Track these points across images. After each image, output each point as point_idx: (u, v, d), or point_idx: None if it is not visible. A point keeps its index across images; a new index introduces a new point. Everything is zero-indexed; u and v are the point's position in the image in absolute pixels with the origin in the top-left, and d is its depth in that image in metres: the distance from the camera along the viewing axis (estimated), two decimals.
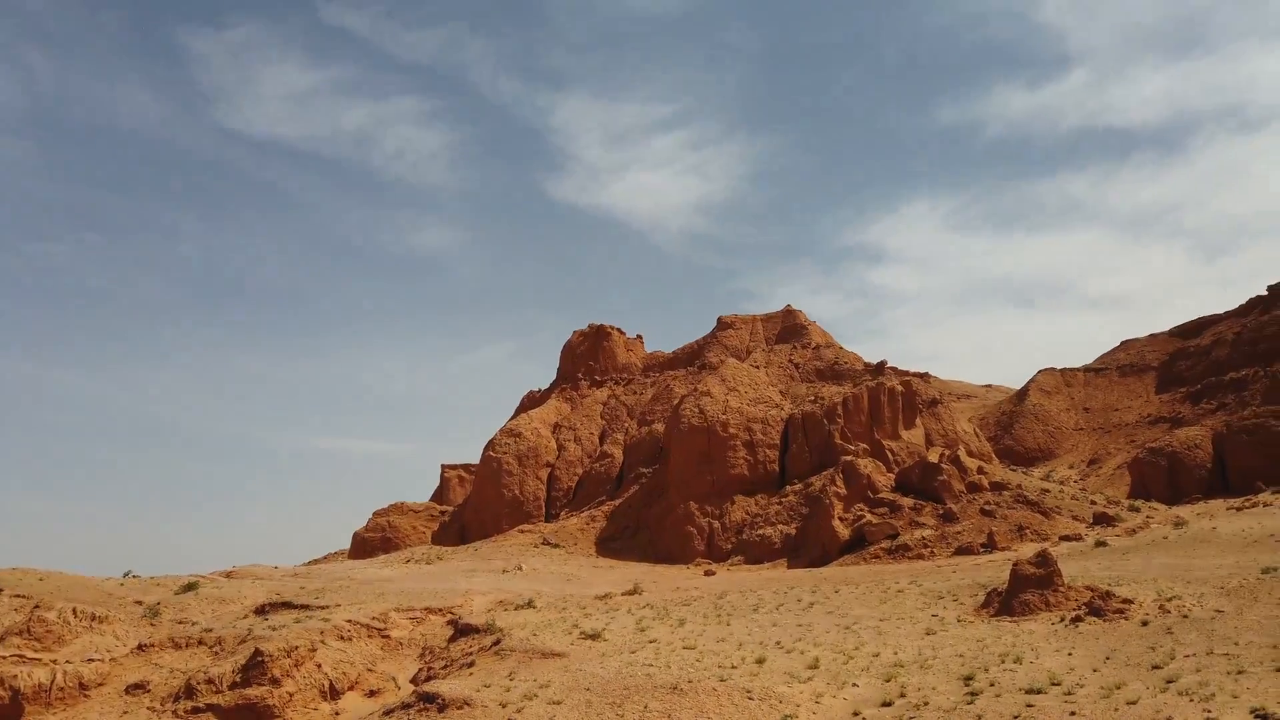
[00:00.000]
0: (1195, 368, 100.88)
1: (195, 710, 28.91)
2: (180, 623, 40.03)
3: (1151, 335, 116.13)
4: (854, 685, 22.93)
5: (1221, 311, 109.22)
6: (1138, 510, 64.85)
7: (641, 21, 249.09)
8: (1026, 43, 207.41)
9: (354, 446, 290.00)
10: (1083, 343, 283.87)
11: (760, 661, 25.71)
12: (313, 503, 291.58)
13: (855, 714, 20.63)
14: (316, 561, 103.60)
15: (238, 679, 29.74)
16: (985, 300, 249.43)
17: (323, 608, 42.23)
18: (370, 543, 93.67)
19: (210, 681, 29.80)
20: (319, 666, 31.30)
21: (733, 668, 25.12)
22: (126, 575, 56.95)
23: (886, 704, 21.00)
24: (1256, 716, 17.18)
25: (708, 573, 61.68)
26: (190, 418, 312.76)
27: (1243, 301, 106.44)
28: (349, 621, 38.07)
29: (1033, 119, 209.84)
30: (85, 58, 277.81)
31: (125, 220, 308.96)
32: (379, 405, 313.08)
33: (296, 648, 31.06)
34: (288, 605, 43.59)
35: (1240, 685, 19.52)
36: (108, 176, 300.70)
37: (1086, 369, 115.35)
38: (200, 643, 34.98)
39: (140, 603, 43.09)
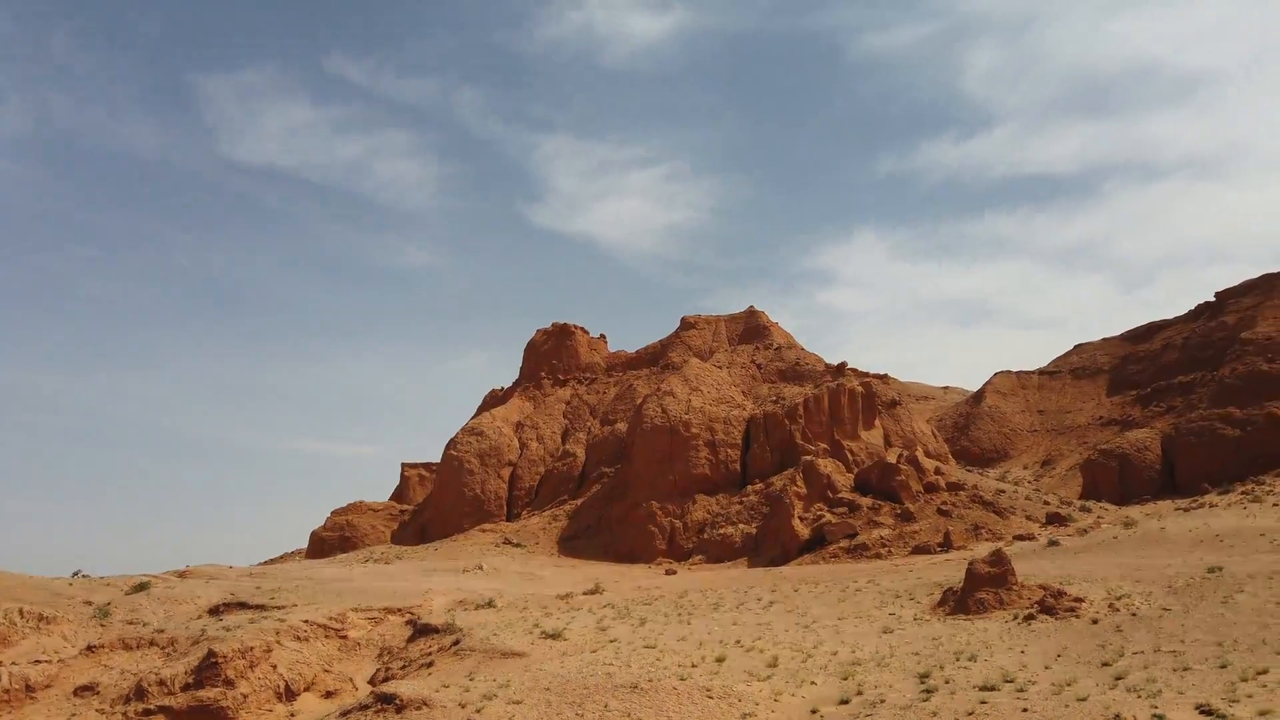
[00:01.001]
0: (1145, 371, 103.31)
1: (146, 712, 28.33)
2: (131, 623, 39.18)
3: (1104, 339, 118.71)
4: (812, 683, 23.16)
5: (1170, 317, 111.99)
6: (1089, 510, 66.27)
7: (619, 77, 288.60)
8: (953, 106, 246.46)
9: (322, 449, 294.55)
10: (1037, 345, 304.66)
11: (720, 660, 25.86)
12: (273, 503, 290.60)
13: (813, 712, 20.82)
14: (273, 561, 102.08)
15: (190, 680, 29.20)
16: (930, 318, 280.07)
17: (279, 608, 41.61)
18: (328, 542, 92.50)
19: (162, 683, 29.21)
20: (274, 667, 30.85)
21: (693, 666, 25.23)
22: (76, 575, 55.61)
23: (844, 702, 21.24)
24: (1201, 712, 17.65)
25: (669, 572, 61.86)
26: (158, 419, 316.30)
27: (1191, 307, 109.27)
28: (305, 622, 37.55)
29: (962, 169, 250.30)
30: (99, 93, 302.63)
31: (123, 236, 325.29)
32: (351, 409, 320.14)
33: (251, 648, 30.58)
34: (243, 605, 42.87)
35: (1186, 682, 20.05)
36: (110, 197, 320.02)
37: (1041, 372, 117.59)
38: (152, 644, 34.28)
39: (90, 603, 42.08)
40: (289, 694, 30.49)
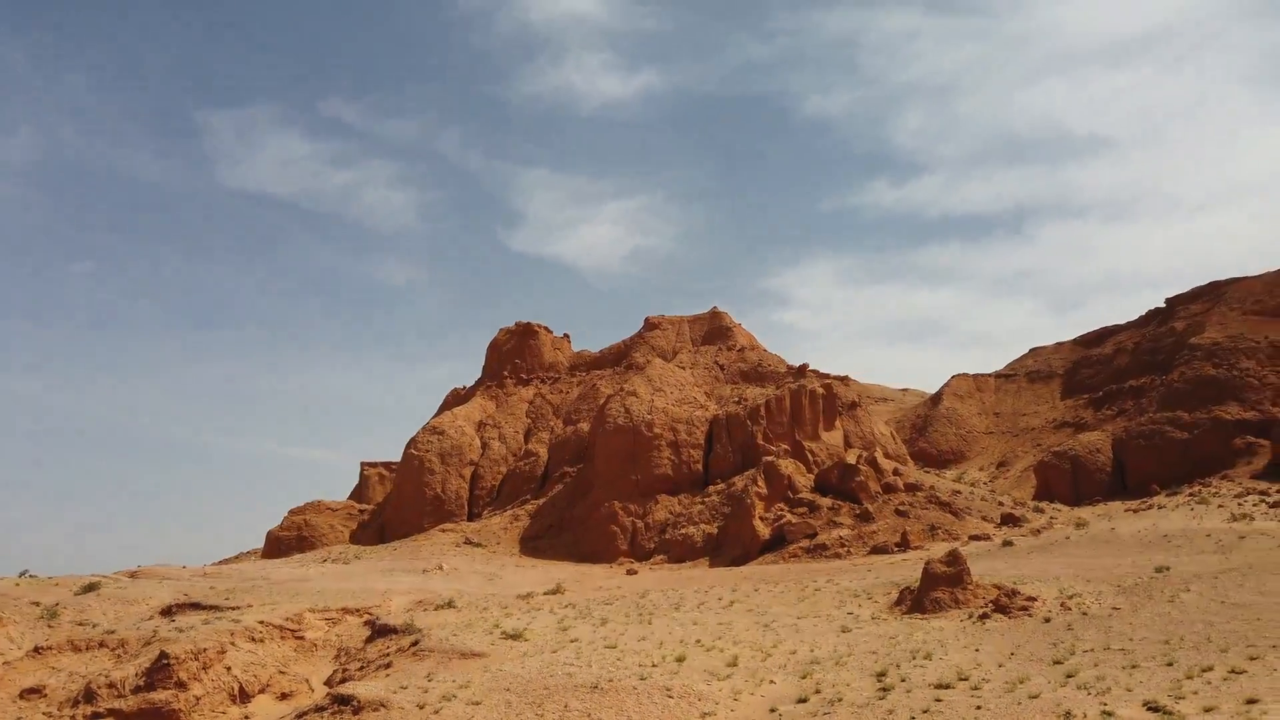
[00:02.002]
0: (1097, 375, 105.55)
1: (95, 715, 27.72)
2: (80, 624, 38.28)
3: (1058, 344, 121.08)
4: (771, 682, 23.36)
5: (1123, 322, 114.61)
6: (1042, 511, 67.60)
7: (592, 125, 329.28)
8: (887, 156, 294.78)
9: (287, 453, 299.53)
10: (988, 355, 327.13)
11: (681, 660, 25.97)
12: (230, 504, 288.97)
13: (772, 710, 21.01)
14: (228, 561, 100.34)
15: (141, 682, 28.62)
16: (880, 334, 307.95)
17: (233, 609, 40.94)
18: (285, 542, 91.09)
19: (112, 685, 28.60)
20: (228, 669, 30.35)
21: (653, 666, 25.31)
22: (23, 575, 54.22)
23: (802, 700, 21.45)
24: (1149, 709, 18.09)
25: (630, 572, 61.94)
26: (116, 420, 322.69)
27: (1142, 313, 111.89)
28: (261, 623, 36.99)
29: (900, 208, 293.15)
30: (106, 125, 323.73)
31: (116, 252, 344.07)
32: (320, 415, 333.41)
33: (204, 650, 30.05)
34: (196, 606, 42.10)
35: (1134, 679, 20.55)
36: (108, 218, 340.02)
37: (997, 375, 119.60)
38: (101, 645, 33.55)
39: (37, 604, 41.05)
40: (243, 696, 30.02)
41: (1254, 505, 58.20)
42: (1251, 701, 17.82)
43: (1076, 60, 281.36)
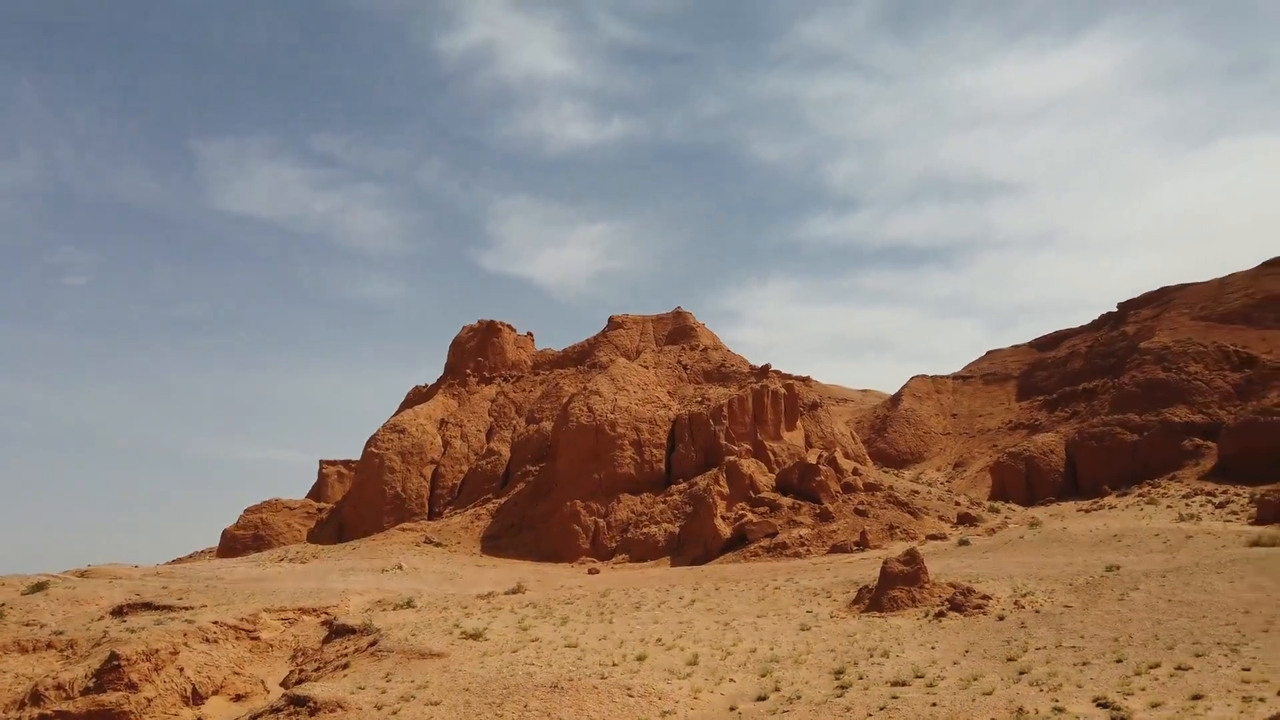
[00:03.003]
0: (1051, 378, 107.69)
1: (43, 717, 27.06)
2: (28, 625, 37.30)
3: (1014, 347, 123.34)
4: (731, 680, 23.50)
5: (1076, 326, 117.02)
6: (997, 511, 68.80)
7: (564, 163, 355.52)
8: (826, 194, 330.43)
9: (249, 455, 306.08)
10: (942, 362, 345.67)
11: (641, 659, 26.02)
12: (186, 503, 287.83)
13: (732, 709, 21.14)
14: (181, 560, 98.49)
15: (91, 684, 27.99)
16: (834, 348, 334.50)
17: (187, 609, 40.20)
18: (241, 541, 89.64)
19: (60, 687, 27.94)
20: (181, 670, 29.81)
21: (614, 665, 25.33)
22: None
23: (761, 698, 21.61)
24: (1098, 705, 18.51)
25: (592, 571, 61.90)
26: (75, 419, 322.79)
27: (1095, 317, 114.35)
28: (215, 623, 36.38)
29: (841, 239, 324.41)
30: (105, 151, 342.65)
31: (109, 268, 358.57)
32: (286, 419, 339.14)
33: (157, 651, 29.48)
34: (148, 606, 41.27)
35: (1085, 676, 21.01)
36: (102, 235, 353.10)
37: (955, 377, 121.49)
38: (49, 646, 32.74)
39: None
40: (196, 697, 29.51)
41: (1201, 506, 59.78)
42: (1196, 697, 18.31)
43: (990, 119, 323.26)
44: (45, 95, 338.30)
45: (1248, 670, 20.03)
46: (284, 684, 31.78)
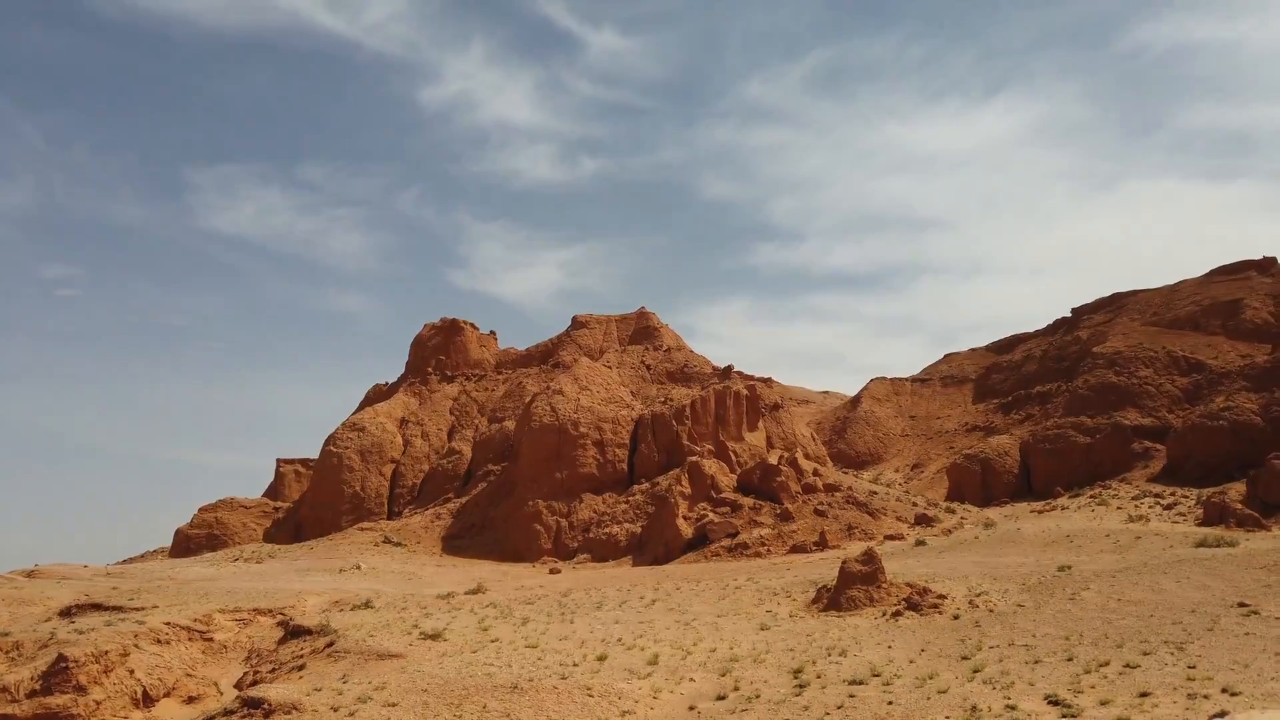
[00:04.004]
0: (1007, 381, 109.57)
1: None
2: None
3: (971, 350, 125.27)
4: (691, 680, 23.60)
5: (1031, 330, 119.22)
6: (953, 512, 69.84)
7: (536, 195, 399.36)
8: (772, 227, 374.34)
9: (207, 458, 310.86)
10: (909, 356, 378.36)
11: (601, 659, 26.03)
12: (140, 503, 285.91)
13: (691, 708, 21.23)
14: (133, 560, 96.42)
15: (37, 686, 27.30)
16: (789, 362, 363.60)
17: (138, 609, 39.40)
18: (195, 540, 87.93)
19: (5, 689, 27.21)
20: (131, 672, 29.20)
21: (574, 665, 25.31)
22: None
23: (721, 698, 21.74)
24: (1049, 702, 18.91)
25: (553, 571, 61.75)
26: (30, 421, 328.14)
27: (1050, 322, 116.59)
28: (167, 624, 35.70)
29: (789, 266, 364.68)
30: (100, 180, 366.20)
31: (94, 284, 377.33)
32: (248, 424, 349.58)
33: (106, 652, 28.84)
34: (98, 607, 40.39)
35: (1036, 674, 21.44)
36: (90, 254, 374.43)
37: (913, 379, 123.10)
38: None
39: None
40: (147, 700, 28.93)
41: (1150, 507, 61.25)
42: (1144, 695, 18.78)
43: (917, 166, 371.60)
44: (47, 133, 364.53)
45: (1193, 668, 20.58)
46: (238, 686, 31.28)
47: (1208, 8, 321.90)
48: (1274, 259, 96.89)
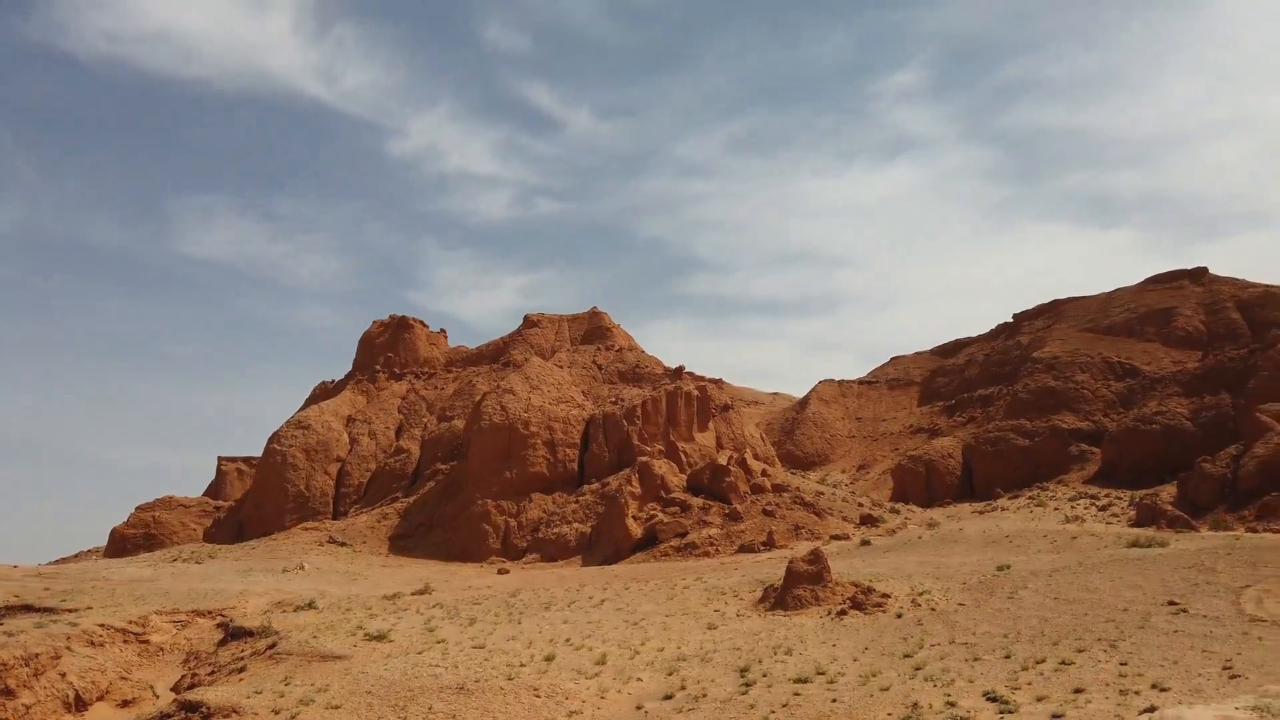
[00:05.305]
0: (951, 384, 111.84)
1: None
2: None
3: (917, 353, 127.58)
4: (638, 680, 23.67)
5: (975, 335, 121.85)
6: (898, 512, 71.07)
7: (491, 231, 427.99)
8: (704, 261, 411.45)
9: (153, 459, 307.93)
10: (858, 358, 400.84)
11: (549, 659, 25.96)
12: (76, 502, 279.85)
13: (638, 708, 21.30)
14: (66, 560, 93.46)
15: None
16: (724, 374, 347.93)
17: (70, 611, 38.20)
18: (131, 540, 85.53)
19: None
20: (63, 675, 28.33)
21: (521, 666, 25.20)
22: None
23: (668, 697, 21.84)
24: (988, 699, 19.36)
25: (501, 571, 61.37)
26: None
27: (993, 327, 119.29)
28: (101, 626, 34.69)
29: (720, 293, 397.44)
30: (81, 205, 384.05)
31: (70, 302, 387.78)
32: (200, 429, 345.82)
33: (37, 655, 27.95)
34: (28, 608, 39.05)
35: (976, 671, 21.93)
36: (69, 269, 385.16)
37: (861, 381, 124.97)
38: None
39: None
40: (80, 704, 28.10)
41: (1085, 508, 63.04)
42: (1078, 691, 19.34)
43: (830, 214, 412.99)
44: (40, 166, 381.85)
45: (1125, 665, 21.25)
46: (175, 689, 30.53)
47: (1066, 98, 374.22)
48: (1205, 269, 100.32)
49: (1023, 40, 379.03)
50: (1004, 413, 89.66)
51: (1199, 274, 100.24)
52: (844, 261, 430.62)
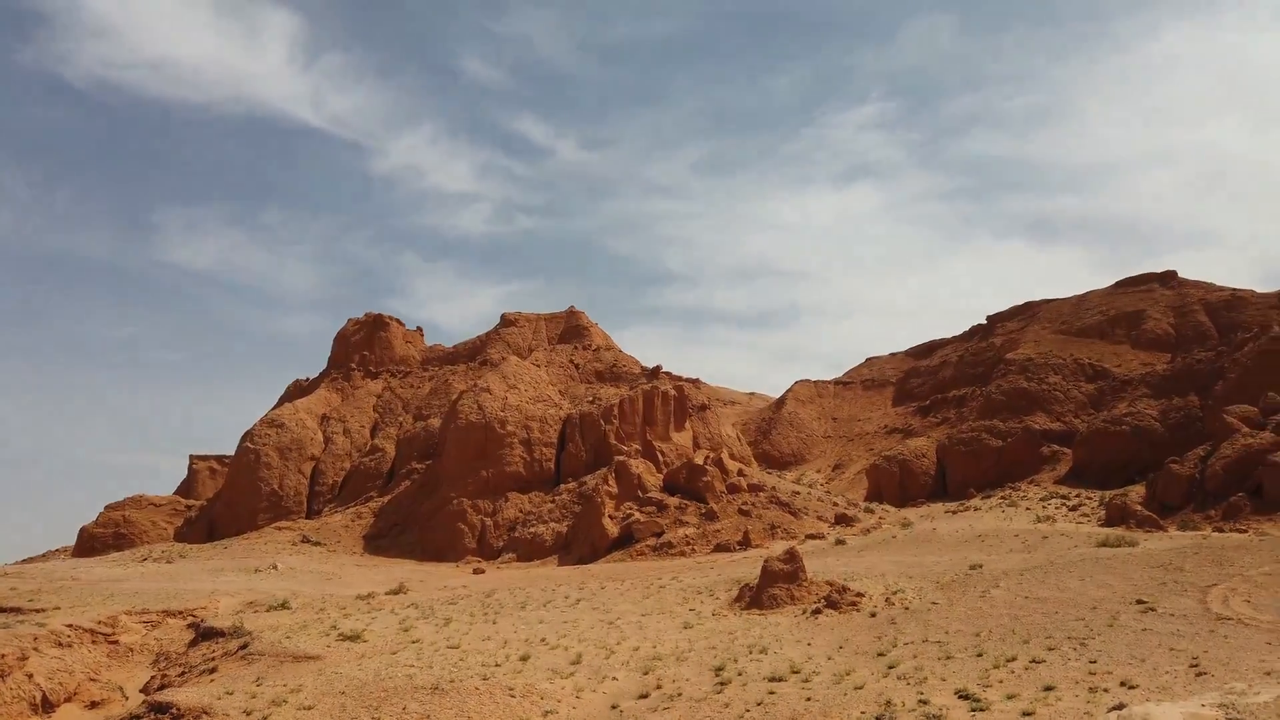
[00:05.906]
0: (925, 385, 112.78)
1: None
2: None
3: (891, 354, 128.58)
4: (614, 679, 23.67)
5: (949, 336, 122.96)
6: (872, 512, 71.58)
7: (469, 246, 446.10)
8: (671, 274, 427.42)
9: (138, 459, 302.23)
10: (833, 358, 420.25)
11: (525, 659, 25.90)
12: (46, 502, 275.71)
13: (614, 707, 21.30)
14: (33, 560, 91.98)
15: None
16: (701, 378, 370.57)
17: (38, 611, 37.65)
18: (100, 539, 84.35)
19: None
20: (30, 676, 27.88)
21: (496, 666, 25.13)
22: None
23: (643, 696, 21.86)
24: (959, 697, 19.54)
25: (477, 570, 61.15)
26: None
27: (966, 328, 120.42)
28: (69, 626, 34.19)
29: (688, 305, 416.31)
30: (68, 216, 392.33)
31: (54, 310, 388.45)
32: (180, 433, 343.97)
33: (3, 656, 27.48)
34: None
35: (948, 669, 22.13)
36: (54, 278, 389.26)
37: (836, 382, 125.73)
38: None
39: None
40: (47, 705, 27.67)
41: (1056, 508, 63.78)
42: (1049, 688, 19.57)
43: (789, 232, 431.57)
44: (30, 183, 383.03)
45: (1094, 663, 21.52)
46: (145, 690, 30.16)
47: (1012, 129, 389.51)
48: (1174, 273, 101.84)
49: (966, 80, 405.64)
50: (977, 413, 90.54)
51: (1168, 277, 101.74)
52: (802, 276, 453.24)
